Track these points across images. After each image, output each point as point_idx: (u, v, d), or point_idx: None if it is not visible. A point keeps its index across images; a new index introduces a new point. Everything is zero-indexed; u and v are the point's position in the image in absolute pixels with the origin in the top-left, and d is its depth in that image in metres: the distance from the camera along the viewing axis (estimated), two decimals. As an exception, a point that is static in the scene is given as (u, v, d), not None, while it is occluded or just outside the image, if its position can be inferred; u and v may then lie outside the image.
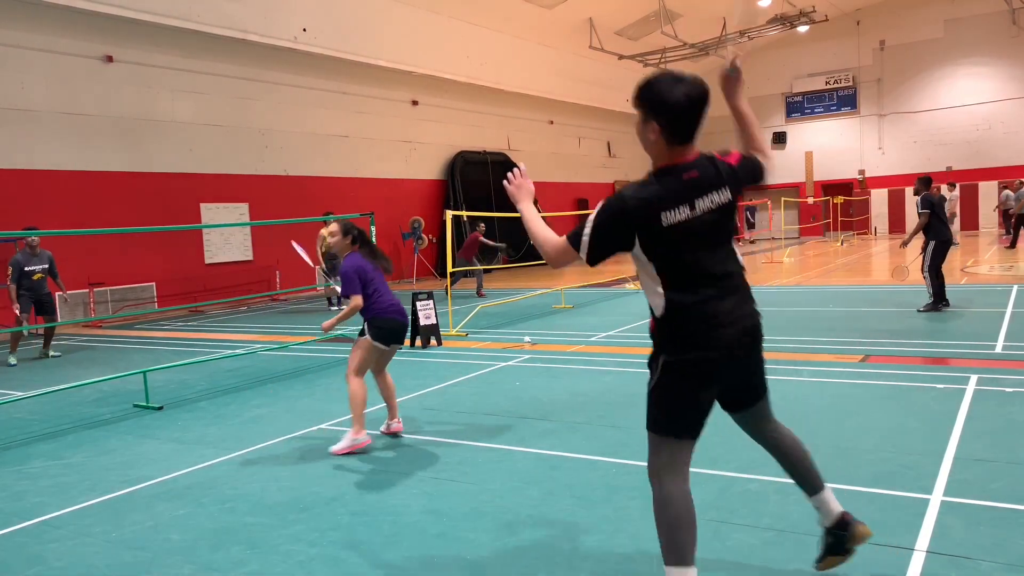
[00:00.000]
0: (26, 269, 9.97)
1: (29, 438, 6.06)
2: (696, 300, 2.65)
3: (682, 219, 2.56)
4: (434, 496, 4.24)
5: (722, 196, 2.66)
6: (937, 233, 9.83)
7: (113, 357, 10.14)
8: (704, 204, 2.61)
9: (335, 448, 5.10)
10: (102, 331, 13.33)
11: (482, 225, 16.27)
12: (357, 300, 5.20)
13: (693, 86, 2.57)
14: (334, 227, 5.40)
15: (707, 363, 2.64)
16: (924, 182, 10.16)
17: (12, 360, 9.90)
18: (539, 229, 2.81)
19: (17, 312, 9.82)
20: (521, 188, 2.96)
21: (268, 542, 3.73)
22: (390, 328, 5.33)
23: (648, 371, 2.75)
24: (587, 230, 2.59)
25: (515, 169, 3.00)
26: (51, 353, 10.40)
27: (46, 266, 10.20)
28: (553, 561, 3.35)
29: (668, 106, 2.56)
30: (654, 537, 3.53)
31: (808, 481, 2.99)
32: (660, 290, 2.64)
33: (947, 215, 18.52)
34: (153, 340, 11.78)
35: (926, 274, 9.91)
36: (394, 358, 5.63)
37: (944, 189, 22.61)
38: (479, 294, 15.31)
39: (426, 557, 3.47)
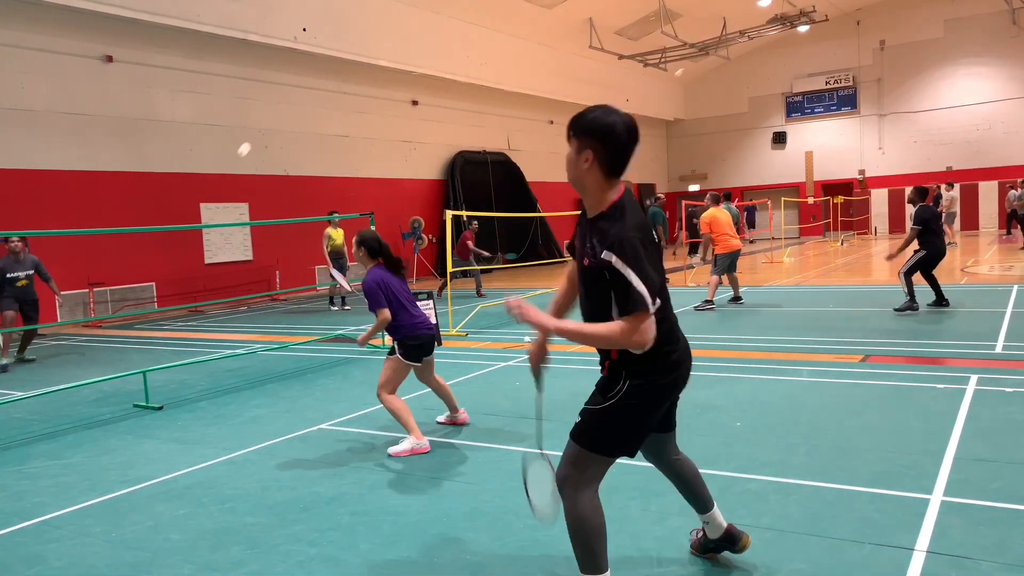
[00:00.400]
0: (8, 276, 9.87)
1: (29, 438, 6.06)
2: (672, 323, 2.70)
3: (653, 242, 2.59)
4: (434, 496, 4.24)
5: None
6: (930, 246, 9.70)
7: (113, 357, 10.14)
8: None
9: (394, 450, 5.02)
10: (102, 331, 13.32)
11: (475, 224, 16.23)
12: (385, 314, 5.14)
13: (630, 119, 2.55)
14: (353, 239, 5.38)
15: (674, 387, 2.71)
16: (920, 193, 9.94)
17: (3, 360, 9.82)
18: (597, 331, 2.53)
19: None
20: (527, 313, 2.61)
21: (268, 542, 3.73)
22: (418, 345, 5.31)
23: (597, 391, 2.74)
24: (640, 285, 2.41)
25: (505, 302, 2.69)
26: (26, 356, 10.24)
27: (31, 272, 10.09)
28: (553, 561, 3.35)
29: (614, 136, 2.50)
30: (654, 537, 3.55)
31: (701, 502, 3.16)
32: None
33: (946, 215, 18.53)
34: (153, 340, 11.78)
35: (902, 276, 9.89)
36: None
37: (942, 188, 22.56)
38: (479, 294, 15.29)
39: (426, 557, 3.47)
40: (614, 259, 2.43)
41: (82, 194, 14.35)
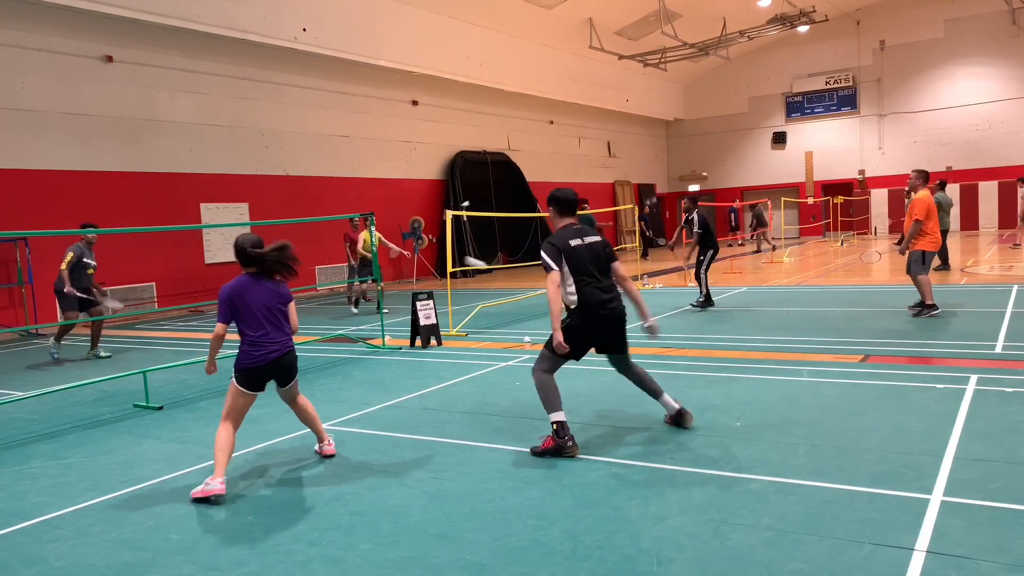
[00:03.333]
0: (84, 261, 9.88)
1: (29, 438, 6.06)
2: (585, 293, 4.95)
3: (577, 245, 4.96)
4: (434, 496, 4.24)
5: (594, 237, 5.08)
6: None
7: (113, 357, 10.14)
8: (586, 239, 5.03)
9: (194, 492, 4.38)
10: (102, 331, 13.30)
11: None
12: (218, 329, 4.76)
13: (571, 193, 5.18)
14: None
15: (586, 331, 5.00)
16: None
17: (56, 350, 9.85)
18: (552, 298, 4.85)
19: (76, 294, 9.60)
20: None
21: (268, 542, 3.73)
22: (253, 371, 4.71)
23: None
24: (546, 258, 4.93)
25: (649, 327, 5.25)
26: (101, 353, 10.08)
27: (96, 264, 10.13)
28: (553, 561, 3.35)
29: (561, 201, 5.15)
30: (654, 537, 3.55)
31: (651, 391, 5.25)
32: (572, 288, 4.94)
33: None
34: (153, 340, 11.78)
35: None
36: (394, 358, 5.62)
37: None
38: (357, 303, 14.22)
39: (426, 557, 3.47)
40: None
41: (82, 194, 14.35)
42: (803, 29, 27.02)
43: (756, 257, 22.84)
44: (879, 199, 30.93)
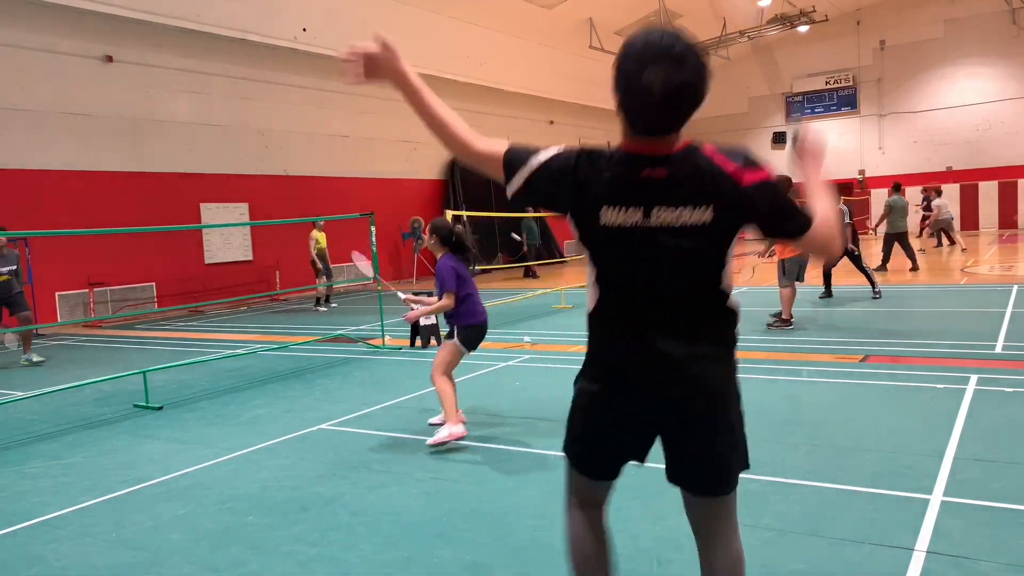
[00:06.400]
0: None
1: (29, 438, 6.05)
2: (602, 323, 2.16)
3: (625, 222, 1.98)
4: (434, 496, 4.24)
5: (699, 215, 1.96)
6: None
7: (113, 357, 10.14)
8: (664, 216, 1.97)
9: (431, 440, 5.04)
10: (102, 331, 13.32)
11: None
12: (448, 301, 5.22)
13: (672, 71, 1.94)
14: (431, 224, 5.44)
15: (607, 403, 2.26)
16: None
17: (34, 357, 9.66)
18: (444, 113, 2.30)
19: None
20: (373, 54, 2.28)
21: (268, 542, 3.73)
22: (479, 336, 5.41)
23: None
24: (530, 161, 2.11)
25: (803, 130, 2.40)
26: (34, 358, 9.74)
27: (13, 267, 9.79)
28: (553, 561, 3.35)
29: (631, 90, 2.02)
30: (654, 537, 3.55)
31: None
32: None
33: (934, 221, 18.48)
34: (153, 340, 11.78)
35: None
36: (394, 358, 5.63)
37: (932, 194, 21.97)
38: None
39: (426, 557, 3.47)
40: None
41: (82, 194, 14.34)
42: (803, 29, 27.03)
43: (755, 258, 22.82)
44: (879, 199, 30.89)
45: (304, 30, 16.93)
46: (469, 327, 5.28)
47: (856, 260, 11.51)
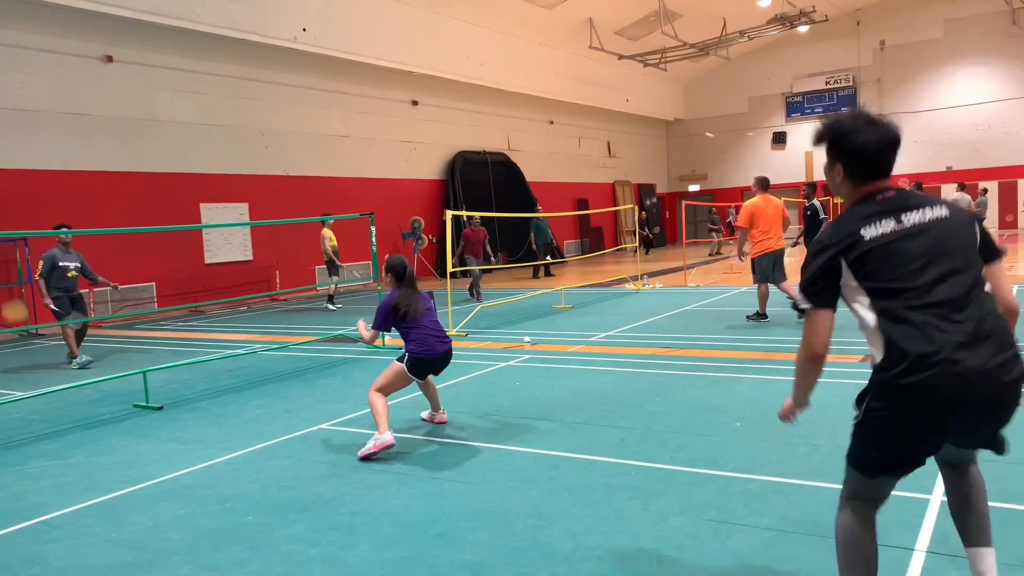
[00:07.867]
0: (60, 264, 9.57)
1: (29, 438, 6.05)
2: (901, 341, 2.47)
3: (886, 232, 2.41)
4: (434, 496, 4.24)
5: (938, 211, 2.48)
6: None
7: (113, 357, 10.14)
8: (913, 217, 2.45)
9: (361, 452, 4.99)
10: (102, 331, 13.32)
11: (476, 219, 15.75)
12: (369, 336, 5.54)
13: (885, 131, 2.58)
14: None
15: (908, 420, 2.57)
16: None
17: (84, 358, 9.40)
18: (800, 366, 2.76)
19: (54, 308, 9.33)
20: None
21: (268, 542, 3.73)
22: (426, 368, 5.43)
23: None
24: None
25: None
26: (83, 359, 9.43)
27: (78, 264, 9.88)
28: (553, 561, 3.35)
29: (854, 150, 2.55)
30: (654, 537, 3.55)
31: (965, 534, 2.79)
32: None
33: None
34: (153, 340, 11.78)
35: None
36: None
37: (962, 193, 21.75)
38: (477, 298, 14.65)
39: (426, 557, 3.47)
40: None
41: (82, 194, 14.35)
42: (803, 29, 27.00)
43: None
44: (879, 199, 30.94)
45: (304, 30, 16.93)
46: (415, 357, 5.31)
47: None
